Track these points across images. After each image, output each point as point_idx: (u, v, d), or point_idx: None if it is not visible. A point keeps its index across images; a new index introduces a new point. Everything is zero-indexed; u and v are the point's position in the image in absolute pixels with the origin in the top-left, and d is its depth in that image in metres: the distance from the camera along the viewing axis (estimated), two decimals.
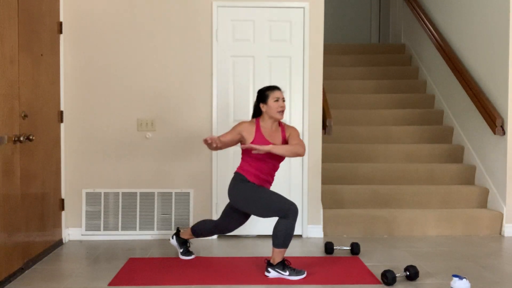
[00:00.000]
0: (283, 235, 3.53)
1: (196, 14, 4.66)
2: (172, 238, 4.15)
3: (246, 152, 3.71)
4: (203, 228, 3.97)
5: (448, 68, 6.09)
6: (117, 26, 4.64)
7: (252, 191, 3.63)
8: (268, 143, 3.64)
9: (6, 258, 3.43)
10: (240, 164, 3.77)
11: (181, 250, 4.08)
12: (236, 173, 3.75)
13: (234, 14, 4.70)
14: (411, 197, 5.21)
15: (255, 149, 3.48)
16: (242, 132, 3.69)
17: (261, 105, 3.73)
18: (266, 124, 3.74)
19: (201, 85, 4.68)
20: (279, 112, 3.69)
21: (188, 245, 4.11)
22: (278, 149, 3.53)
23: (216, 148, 3.62)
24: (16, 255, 3.57)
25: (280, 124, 3.82)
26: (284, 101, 3.73)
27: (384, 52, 7.81)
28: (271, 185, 3.81)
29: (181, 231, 4.18)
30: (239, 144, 3.80)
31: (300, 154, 3.60)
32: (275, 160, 3.71)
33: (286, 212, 3.52)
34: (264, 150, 3.49)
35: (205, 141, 3.50)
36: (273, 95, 3.70)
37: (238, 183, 3.69)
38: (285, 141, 3.75)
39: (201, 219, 4.67)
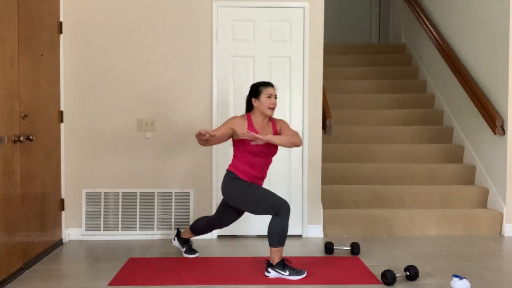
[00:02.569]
0: (278, 234, 3.55)
1: (196, 14, 4.66)
2: (174, 239, 4.20)
3: (239, 148, 3.72)
4: (201, 225, 4.01)
5: (448, 68, 6.08)
6: (117, 26, 4.63)
7: (244, 190, 3.65)
8: None
9: (6, 258, 3.43)
10: (232, 161, 3.78)
11: (184, 249, 4.13)
12: (228, 171, 3.76)
13: (234, 14, 4.70)
14: (411, 197, 5.21)
15: (256, 139, 3.48)
16: (234, 126, 3.68)
17: (253, 99, 3.74)
18: (257, 119, 3.75)
19: (201, 85, 4.68)
20: (270, 108, 3.71)
21: (190, 243, 4.15)
22: (276, 139, 3.60)
23: (207, 143, 3.56)
24: (16, 255, 3.57)
25: (270, 118, 3.83)
26: (276, 98, 3.75)
27: (384, 52, 7.80)
28: (263, 181, 3.81)
29: (181, 231, 4.21)
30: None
31: (298, 144, 3.69)
32: (268, 154, 3.72)
33: (278, 209, 3.55)
34: (264, 140, 3.51)
35: (198, 134, 3.42)
36: (266, 91, 3.71)
37: (229, 181, 3.71)
38: (277, 134, 3.76)
39: None
